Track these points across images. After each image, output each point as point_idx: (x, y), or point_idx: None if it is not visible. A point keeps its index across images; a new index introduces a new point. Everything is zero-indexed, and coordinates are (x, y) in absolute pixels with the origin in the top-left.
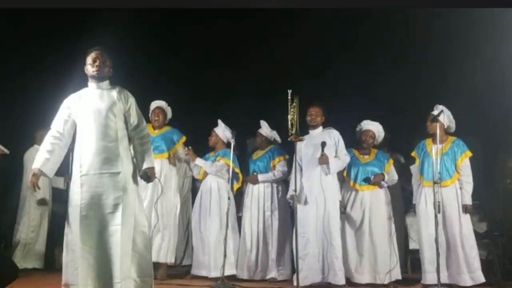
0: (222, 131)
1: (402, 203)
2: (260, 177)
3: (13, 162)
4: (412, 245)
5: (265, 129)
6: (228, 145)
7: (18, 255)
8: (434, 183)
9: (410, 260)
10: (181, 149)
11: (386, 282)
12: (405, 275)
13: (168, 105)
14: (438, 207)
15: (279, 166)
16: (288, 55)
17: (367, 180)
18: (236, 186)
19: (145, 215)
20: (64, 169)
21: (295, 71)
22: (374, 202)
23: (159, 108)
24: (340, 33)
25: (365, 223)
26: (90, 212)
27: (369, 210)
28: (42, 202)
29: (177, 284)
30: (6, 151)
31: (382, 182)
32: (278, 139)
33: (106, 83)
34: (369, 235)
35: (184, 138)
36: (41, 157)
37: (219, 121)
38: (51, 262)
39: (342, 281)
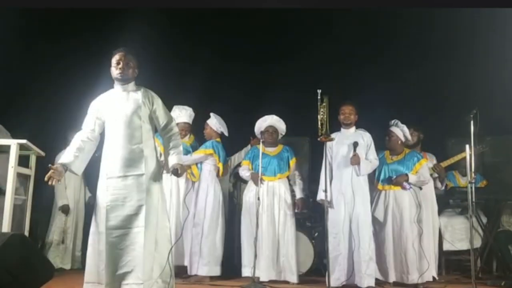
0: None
1: (435, 204)
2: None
3: (48, 164)
4: (446, 246)
5: (280, 124)
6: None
7: (52, 255)
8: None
9: (444, 261)
10: None
11: (415, 282)
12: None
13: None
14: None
15: (295, 166)
16: (318, 54)
17: (389, 180)
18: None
19: (167, 215)
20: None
21: (325, 71)
22: (397, 202)
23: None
24: (371, 32)
25: (388, 223)
26: (115, 214)
27: (391, 210)
28: (64, 209)
29: (209, 284)
30: (42, 153)
31: (405, 184)
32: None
33: (131, 85)
34: (392, 235)
35: None
36: (70, 154)
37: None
38: (86, 262)
39: (368, 284)
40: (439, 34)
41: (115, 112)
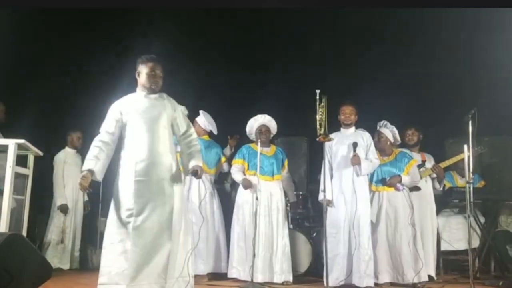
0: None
1: (434, 204)
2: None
3: (46, 164)
4: (444, 246)
5: (272, 124)
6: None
7: (50, 255)
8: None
9: (442, 261)
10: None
11: (411, 282)
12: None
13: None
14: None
15: (287, 168)
16: (317, 54)
17: (382, 181)
18: None
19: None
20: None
21: (324, 70)
22: (391, 203)
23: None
24: (370, 32)
25: (381, 224)
26: (142, 216)
27: (385, 211)
28: (63, 208)
29: (207, 284)
30: (40, 153)
31: (398, 185)
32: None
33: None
34: (385, 236)
35: None
36: (92, 160)
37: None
38: (84, 262)
39: (367, 283)
40: (438, 35)
41: (140, 117)
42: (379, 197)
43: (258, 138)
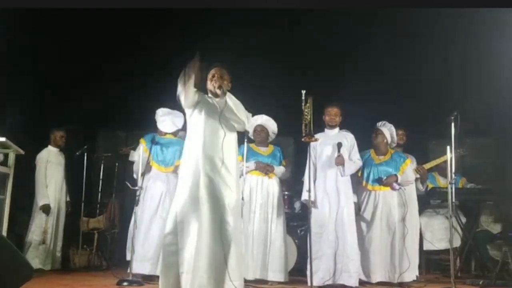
0: None
1: (417, 204)
2: (277, 169)
3: (28, 163)
4: (426, 246)
5: (269, 123)
6: None
7: (31, 255)
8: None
9: (425, 260)
10: None
11: (405, 280)
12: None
13: None
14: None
15: (287, 166)
16: (303, 55)
17: (379, 181)
18: None
19: None
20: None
21: (309, 71)
22: (386, 203)
23: None
24: (356, 33)
25: (375, 223)
26: (210, 214)
27: (380, 211)
28: (45, 208)
29: None
30: (21, 151)
31: (394, 184)
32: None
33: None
34: (380, 235)
35: None
36: None
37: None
38: (66, 262)
39: (356, 283)
40: (421, 37)
41: (205, 116)
42: (375, 196)
43: (246, 138)
